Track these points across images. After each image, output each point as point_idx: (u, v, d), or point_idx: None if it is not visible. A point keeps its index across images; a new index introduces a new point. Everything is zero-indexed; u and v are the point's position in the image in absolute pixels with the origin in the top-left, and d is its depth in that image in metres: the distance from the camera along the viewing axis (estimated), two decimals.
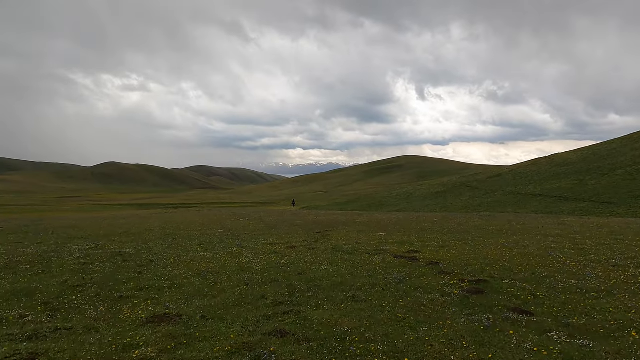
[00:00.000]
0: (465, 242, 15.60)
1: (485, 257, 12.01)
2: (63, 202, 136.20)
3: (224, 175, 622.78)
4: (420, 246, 14.76)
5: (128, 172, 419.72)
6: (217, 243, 16.67)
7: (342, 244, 15.71)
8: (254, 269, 10.85)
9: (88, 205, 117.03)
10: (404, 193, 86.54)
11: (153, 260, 12.52)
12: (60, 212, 75.07)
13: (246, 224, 26.76)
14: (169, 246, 15.87)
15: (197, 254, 13.72)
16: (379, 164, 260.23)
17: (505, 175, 79.20)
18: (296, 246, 15.33)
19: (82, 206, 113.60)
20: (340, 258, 12.42)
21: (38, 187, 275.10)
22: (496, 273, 9.84)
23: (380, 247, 14.51)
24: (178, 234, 20.40)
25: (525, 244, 14.98)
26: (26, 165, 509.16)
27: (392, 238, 17.33)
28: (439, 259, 11.82)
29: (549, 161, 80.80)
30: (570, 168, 67.48)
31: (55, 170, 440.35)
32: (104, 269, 11.09)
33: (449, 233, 19.24)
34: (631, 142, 72.78)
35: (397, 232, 19.76)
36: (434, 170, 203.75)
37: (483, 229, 21.13)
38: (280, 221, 28.62)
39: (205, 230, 22.60)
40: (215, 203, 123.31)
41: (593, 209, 40.16)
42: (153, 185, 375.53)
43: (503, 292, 8.12)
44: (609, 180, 51.97)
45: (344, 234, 19.65)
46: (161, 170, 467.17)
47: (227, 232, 21.01)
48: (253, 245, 15.74)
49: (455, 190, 76.77)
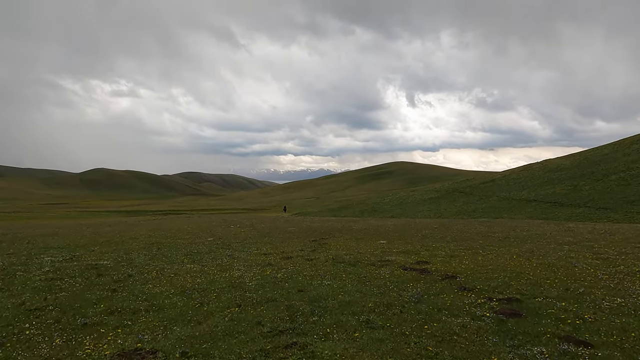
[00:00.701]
0: (476, 252, 14.39)
1: (504, 269, 10.78)
2: (49, 209, 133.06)
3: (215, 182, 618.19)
4: (428, 256, 13.51)
5: (117, 179, 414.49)
6: (206, 253, 15.23)
7: (343, 253, 14.38)
8: (247, 285, 9.47)
9: (75, 212, 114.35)
10: (397, 199, 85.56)
11: (132, 274, 11.06)
12: (45, 219, 72.69)
13: (237, 231, 25.32)
14: (152, 257, 14.40)
15: (182, 267, 12.28)
16: (370, 170, 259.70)
17: (499, 180, 78.61)
18: (292, 257, 13.97)
19: (68, 213, 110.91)
20: (344, 271, 11.09)
21: (24, 194, 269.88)
22: (525, 289, 8.60)
23: (385, 258, 13.22)
24: (164, 243, 18.91)
25: (541, 252, 13.81)
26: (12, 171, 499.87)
27: (395, 247, 16.06)
28: (454, 272, 10.56)
29: (541, 167, 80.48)
30: (564, 174, 67.03)
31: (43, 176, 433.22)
32: (73, 286, 9.60)
33: (453, 241, 18.05)
34: (622, 147, 72.64)
35: (398, 240, 18.51)
36: (425, 176, 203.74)
37: (488, 236, 19.96)
38: (272, 228, 27.22)
39: (193, 238, 21.12)
40: (205, 209, 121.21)
41: (589, 215, 39.40)
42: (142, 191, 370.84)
43: (543, 314, 6.86)
44: (603, 186, 51.41)
45: (342, 242, 18.35)
46: (151, 176, 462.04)
47: (217, 241, 19.56)
48: (245, 256, 14.34)
49: (448, 196, 75.95)
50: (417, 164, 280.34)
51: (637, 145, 69.82)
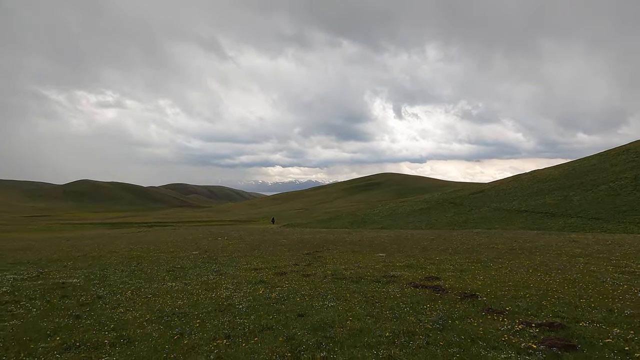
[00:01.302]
0: (486, 265, 13.19)
1: (526, 286, 9.58)
2: (31, 222, 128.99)
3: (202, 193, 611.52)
4: (436, 271, 12.25)
5: (102, 190, 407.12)
6: (190, 269, 13.74)
7: (342, 268, 13.04)
8: (237, 308, 8.07)
9: (57, 225, 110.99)
10: (387, 210, 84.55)
11: (103, 295, 9.56)
12: (24, 233, 69.78)
13: (225, 244, 23.80)
14: (129, 274, 12.87)
15: (162, 285, 10.81)
16: (358, 182, 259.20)
17: (488, 191, 78.20)
18: (287, 272, 12.57)
19: (50, 226, 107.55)
20: (346, 289, 9.76)
21: (7, 206, 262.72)
22: (561, 311, 7.38)
23: (389, 273, 11.91)
24: (145, 257, 17.34)
25: (556, 266, 12.66)
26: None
27: (397, 260, 14.78)
28: (472, 289, 9.31)
29: (530, 177, 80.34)
30: (553, 184, 66.83)
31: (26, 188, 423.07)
32: (29, 312, 8.08)
33: (456, 253, 16.86)
34: (609, 158, 72.91)
35: (398, 253, 17.24)
36: (413, 187, 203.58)
37: (491, 248, 18.82)
38: (262, 240, 25.76)
39: (177, 252, 19.58)
40: (192, 221, 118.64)
41: (582, 225, 38.78)
42: (128, 203, 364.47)
43: (599, 344, 5.63)
44: (593, 196, 51.08)
45: (337, 255, 17.01)
46: (137, 188, 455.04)
47: (203, 254, 18.06)
48: (234, 272, 12.90)
49: (438, 206, 75.20)
50: (405, 175, 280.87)
51: (623, 155, 70.08)
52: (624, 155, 68.29)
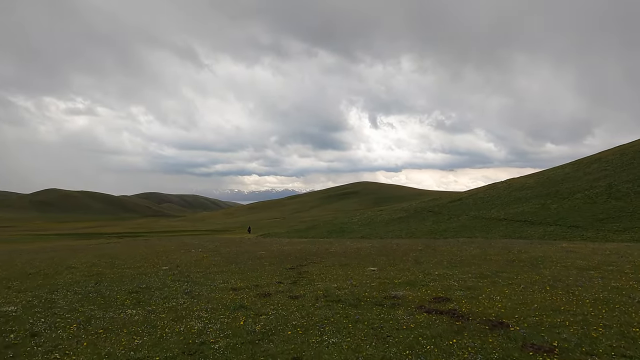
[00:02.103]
0: (494, 281, 11.75)
1: (555, 309, 8.15)
2: None
3: (176, 202, 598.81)
4: (442, 289, 10.72)
5: (71, 200, 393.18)
6: (157, 289, 11.77)
7: (334, 287, 11.36)
8: (212, 349, 6.29)
9: (19, 236, 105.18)
10: (365, 219, 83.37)
11: (39, 331, 7.58)
12: None
13: (199, 257, 21.74)
14: (83, 297, 10.83)
15: (120, 314, 8.87)
16: (335, 190, 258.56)
17: (466, 200, 78.14)
18: (270, 293, 10.79)
19: (12, 237, 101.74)
20: (345, 316, 8.09)
21: None
22: (621, 345, 5.94)
23: (390, 293, 10.31)
24: (107, 275, 15.20)
25: (571, 281, 11.34)
26: None
27: (392, 276, 13.21)
28: (497, 315, 7.81)
29: (506, 186, 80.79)
30: (529, 192, 67.14)
31: None
32: None
33: (453, 266, 15.41)
34: (582, 166, 73.99)
35: (390, 267, 15.68)
36: (389, 196, 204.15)
37: (488, 259, 17.49)
38: (240, 252, 23.79)
39: (145, 267, 17.45)
40: (166, 231, 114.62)
41: (562, 233, 38.43)
42: (99, 213, 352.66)
43: None
44: (570, 204, 51.22)
45: (324, 270, 15.31)
46: (108, 197, 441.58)
47: (174, 270, 16.04)
48: (208, 293, 11.04)
49: (417, 215, 74.53)
50: (381, 184, 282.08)
51: (595, 164, 71.20)
52: (596, 164, 69.39)
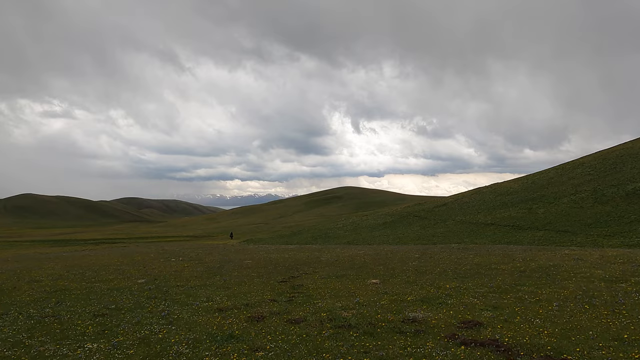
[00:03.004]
0: (518, 297, 10.41)
1: (618, 337, 7.01)
2: None
3: (157, 208, 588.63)
4: (466, 309, 9.38)
5: (47, 205, 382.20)
6: (128, 311, 10.48)
7: (338, 306, 10.19)
8: None
9: None
10: (350, 224, 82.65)
11: None
12: None
13: (179, 267, 20.50)
14: (36, 324, 9.45)
15: (76, 349, 7.55)
16: (318, 195, 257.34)
17: (451, 204, 78.21)
18: (264, 315, 9.61)
19: None
20: (365, 351, 6.80)
21: None
22: None
23: (407, 314, 9.13)
24: (72, 291, 13.84)
25: (606, 298, 9.86)
26: None
27: (399, 290, 12.13)
28: (551, 347, 6.60)
29: (491, 190, 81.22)
30: (515, 197, 67.46)
31: None
32: None
33: (461, 278, 14.24)
34: (566, 171, 74.79)
35: (392, 278, 14.62)
36: (372, 201, 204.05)
37: (495, 269, 16.37)
38: (224, 261, 22.61)
39: (118, 280, 16.15)
40: (145, 237, 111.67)
41: (552, 238, 38.28)
42: (76, 218, 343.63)
43: None
44: (557, 209, 51.41)
45: (321, 282, 14.23)
46: (86, 202, 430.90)
47: (150, 284, 14.80)
48: (189, 316, 9.81)
49: (403, 220, 74.19)
50: (364, 188, 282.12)
51: (579, 169, 72.00)
52: (580, 169, 70.14)
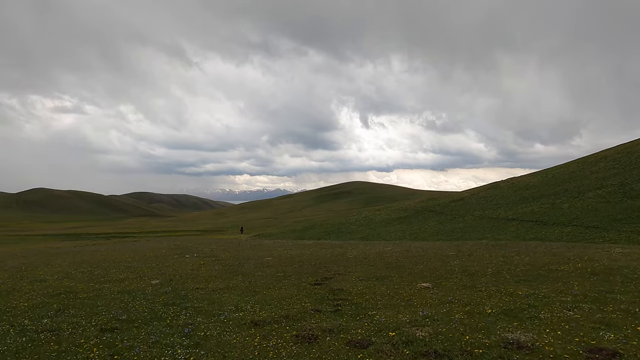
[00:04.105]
0: (625, 311, 8.35)
1: None
2: None
3: (167, 202, 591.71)
4: (575, 329, 7.27)
5: (59, 200, 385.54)
6: (143, 324, 8.65)
7: (402, 320, 8.17)
8: None
9: (3, 237, 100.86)
10: (363, 219, 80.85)
11: None
12: None
13: (195, 264, 18.87)
14: (28, 342, 7.69)
15: None
16: (327, 190, 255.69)
17: (468, 199, 76.09)
18: (315, 334, 7.59)
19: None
20: None
21: None
22: None
23: (504, 335, 7.18)
24: (78, 294, 12.20)
25: None
26: None
27: (467, 299, 9.85)
28: None
29: (509, 185, 78.95)
30: (535, 191, 65.20)
31: None
32: None
33: (524, 281, 11.97)
34: (587, 165, 72.29)
35: (444, 281, 12.52)
36: (381, 196, 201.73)
37: (555, 270, 13.97)
38: (242, 258, 20.96)
39: (130, 280, 14.55)
40: (156, 232, 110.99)
41: (581, 234, 36.25)
42: (87, 213, 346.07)
43: None
44: (583, 204, 49.15)
45: (363, 286, 12.25)
46: (97, 196, 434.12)
47: (166, 287, 13.17)
48: (219, 333, 7.89)
49: (418, 215, 72.29)
50: (373, 183, 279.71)
51: (602, 163, 69.45)
52: (603, 163, 67.58)
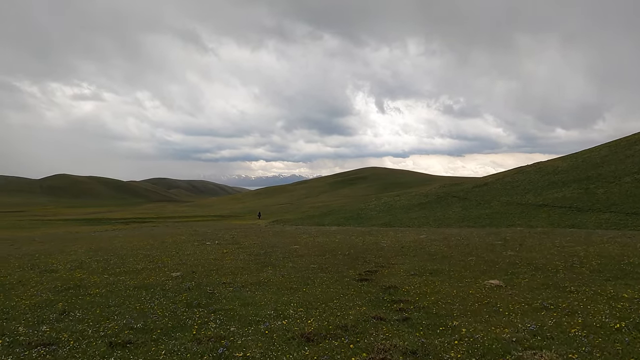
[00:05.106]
0: None
1: None
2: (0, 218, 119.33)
3: (184, 188, 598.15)
4: None
5: (80, 185, 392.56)
6: (163, 336, 6.81)
7: (506, 337, 6.11)
8: None
9: (27, 221, 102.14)
10: (383, 204, 78.80)
11: None
12: None
13: (217, 253, 17.41)
14: None
15: None
16: (343, 176, 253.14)
17: (493, 184, 73.39)
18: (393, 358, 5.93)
19: (19, 222, 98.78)
20: None
21: None
22: None
23: None
24: (89, 288, 10.66)
25: None
26: None
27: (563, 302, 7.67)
28: None
29: (536, 170, 75.90)
30: (565, 176, 62.27)
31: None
32: None
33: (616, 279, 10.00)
34: (621, 148, 68.84)
35: (515, 278, 10.60)
36: (398, 181, 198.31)
37: (637, 263, 12.23)
38: (267, 246, 19.43)
39: (148, 271, 13.11)
40: (174, 217, 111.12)
41: (621, 221, 33.89)
42: (108, 198, 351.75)
43: None
44: (620, 189, 46.36)
45: (418, 283, 10.19)
46: (117, 182, 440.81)
47: (189, 280, 11.66)
48: (263, 354, 6.00)
49: (441, 201, 70.01)
50: (390, 169, 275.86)
51: (637, 146, 65.98)
52: (638, 146, 64.20)
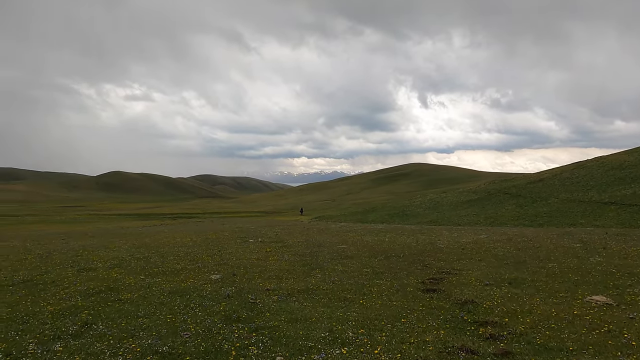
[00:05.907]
0: None
1: None
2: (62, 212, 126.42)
3: (229, 184, 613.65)
4: None
5: (133, 182, 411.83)
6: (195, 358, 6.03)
7: None
8: None
9: (84, 216, 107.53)
10: (429, 201, 75.82)
11: None
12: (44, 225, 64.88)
13: (260, 253, 16.45)
14: None
15: None
16: (384, 172, 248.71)
17: (549, 180, 68.73)
18: None
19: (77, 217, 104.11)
20: None
21: (41, 197, 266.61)
22: None
23: None
24: (120, 292, 9.82)
25: None
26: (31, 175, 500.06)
27: None
28: None
29: (598, 164, 70.32)
30: (634, 171, 57.11)
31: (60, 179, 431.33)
32: None
33: None
34: None
35: (627, 293, 8.74)
36: (443, 178, 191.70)
37: None
38: (314, 246, 18.30)
39: (186, 274, 12.26)
40: (219, 212, 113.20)
41: None
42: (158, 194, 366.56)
43: None
44: None
45: (500, 297, 8.49)
46: (166, 179, 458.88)
47: (229, 285, 10.67)
48: None
49: (491, 197, 66.33)
50: (434, 165, 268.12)
51: None
52: None
